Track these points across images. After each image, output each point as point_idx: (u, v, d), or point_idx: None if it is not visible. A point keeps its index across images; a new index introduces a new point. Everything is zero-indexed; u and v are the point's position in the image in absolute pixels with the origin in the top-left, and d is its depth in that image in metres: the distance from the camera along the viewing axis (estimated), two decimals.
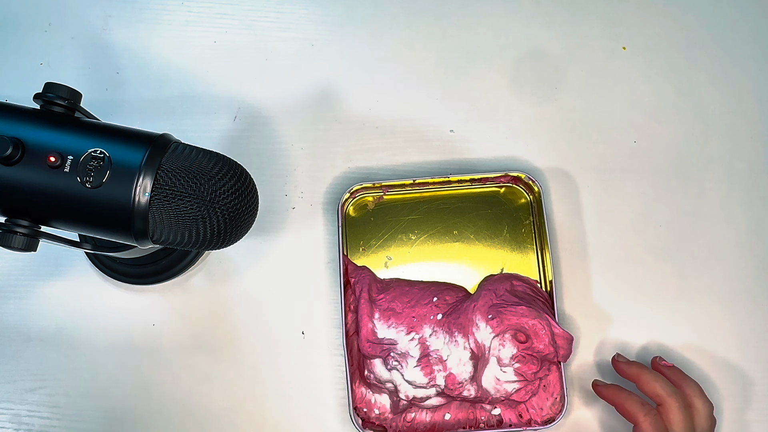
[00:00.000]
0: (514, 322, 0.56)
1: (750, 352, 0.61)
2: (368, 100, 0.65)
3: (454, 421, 0.58)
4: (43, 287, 0.62)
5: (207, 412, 0.60)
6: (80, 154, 0.42)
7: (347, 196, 0.61)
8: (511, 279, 0.59)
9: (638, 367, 0.55)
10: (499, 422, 0.58)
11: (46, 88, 0.45)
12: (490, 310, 0.57)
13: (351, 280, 0.60)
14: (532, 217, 0.62)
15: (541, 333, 0.56)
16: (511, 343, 0.56)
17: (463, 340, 0.56)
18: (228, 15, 0.67)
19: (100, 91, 0.65)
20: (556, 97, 0.65)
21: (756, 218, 0.63)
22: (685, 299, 0.61)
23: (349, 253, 0.61)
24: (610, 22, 0.67)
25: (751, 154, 0.64)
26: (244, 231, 0.46)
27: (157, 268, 0.60)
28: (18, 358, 0.61)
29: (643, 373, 0.55)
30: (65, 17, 0.67)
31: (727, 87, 0.65)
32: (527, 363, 0.56)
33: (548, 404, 0.58)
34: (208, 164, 0.44)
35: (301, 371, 0.60)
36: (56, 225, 0.44)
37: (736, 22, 0.67)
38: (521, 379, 0.56)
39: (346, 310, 0.59)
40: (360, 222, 0.62)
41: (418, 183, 0.61)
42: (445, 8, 0.67)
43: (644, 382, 0.54)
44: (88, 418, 0.60)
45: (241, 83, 0.65)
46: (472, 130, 0.64)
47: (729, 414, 0.59)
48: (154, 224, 0.43)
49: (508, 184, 0.62)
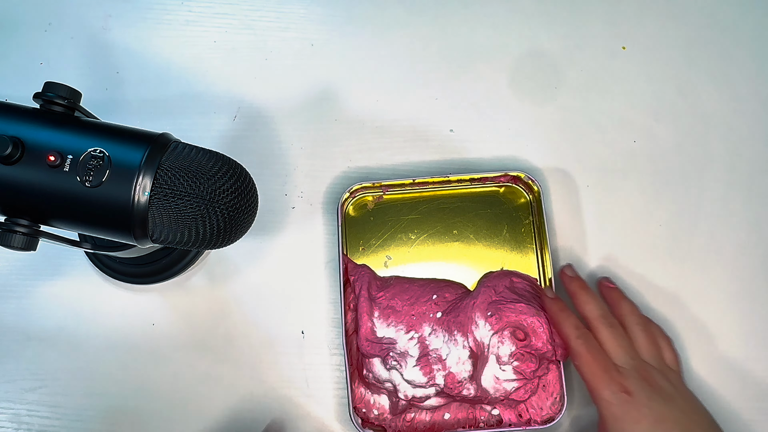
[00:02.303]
0: (512, 319, 0.56)
1: (750, 352, 0.60)
2: (368, 100, 0.65)
3: (454, 421, 0.58)
4: (43, 287, 0.62)
5: (207, 412, 0.60)
6: (80, 154, 0.42)
7: (347, 196, 0.61)
8: (511, 276, 0.59)
9: (579, 285, 0.56)
10: (498, 422, 0.58)
11: (45, 87, 0.45)
12: (489, 307, 0.57)
13: (351, 278, 0.60)
14: (531, 216, 0.62)
15: (540, 330, 0.56)
16: (509, 340, 0.56)
17: (462, 338, 0.56)
18: (228, 15, 0.67)
19: (100, 90, 0.65)
20: (556, 97, 0.65)
21: (756, 218, 0.63)
22: (685, 299, 0.61)
23: (348, 252, 0.61)
24: (610, 22, 0.67)
25: (751, 154, 0.64)
26: (243, 230, 0.46)
27: (157, 268, 0.60)
28: (18, 358, 0.61)
29: (580, 292, 0.55)
30: (65, 17, 0.67)
31: (727, 87, 0.65)
32: (526, 361, 0.56)
33: (548, 404, 0.57)
34: (207, 163, 0.44)
35: (300, 371, 0.60)
36: (56, 224, 0.44)
37: (736, 22, 0.67)
38: (520, 378, 0.56)
39: (346, 308, 0.59)
40: (360, 221, 0.62)
41: (417, 183, 0.61)
42: (445, 8, 0.67)
43: (578, 303, 0.55)
44: (88, 418, 0.60)
45: (241, 83, 0.65)
46: (472, 130, 0.64)
47: (728, 414, 0.59)
48: (154, 223, 0.43)
49: (508, 184, 0.62)
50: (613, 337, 0.52)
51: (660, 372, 0.52)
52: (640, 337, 0.54)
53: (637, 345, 0.54)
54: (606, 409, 0.50)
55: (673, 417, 0.49)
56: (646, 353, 0.53)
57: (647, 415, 0.49)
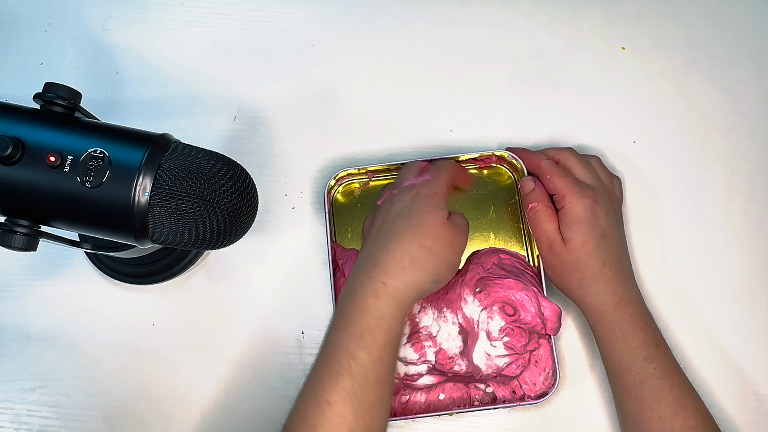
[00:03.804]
0: (501, 295, 0.57)
1: (750, 352, 0.60)
2: (368, 101, 0.65)
3: (449, 401, 0.58)
4: (43, 287, 0.62)
5: (207, 412, 0.60)
6: (80, 154, 0.42)
7: (333, 183, 0.61)
8: (498, 253, 0.60)
9: (524, 151, 0.61)
10: (493, 399, 0.58)
11: (46, 88, 0.45)
12: (477, 283, 0.57)
13: (339, 262, 0.60)
14: (517, 195, 0.62)
15: (528, 305, 0.56)
16: (499, 315, 0.56)
17: (452, 315, 0.57)
18: (228, 15, 0.67)
19: (100, 91, 0.65)
20: (556, 97, 0.65)
21: (756, 218, 0.63)
22: (685, 299, 0.61)
23: (337, 239, 0.62)
24: (610, 22, 0.67)
25: (751, 154, 0.64)
26: (243, 231, 0.46)
27: (157, 268, 0.60)
28: (18, 358, 0.61)
29: (528, 155, 0.60)
30: (65, 17, 0.67)
31: (726, 87, 0.65)
32: (516, 336, 0.56)
33: (541, 379, 0.58)
34: (207, 164, 0.44)
35: (300, 371, 0.60)
36: (56, 225, 0.44)
37: (735, 22, 0.67)
38: (511, 353, 0.56)
39: (337, 294, 0.59)
40: (348, 208, 0.62)
41: (402, 167, 0.61)
42: (445, 8, 0.67)
43: (526, 162, 0.60)
44: (88, 418, 0.60)
45: (241, 83, 0.65)
46: (472, 130, 0.64)
47: (728, 414, 0.59)
48: (154, 224, 0.43)
49: (492, 165, 0.63)
50: (582, 166, 0.59)
51: (616, 197, 0.60)
52: (599, 167, 0.61)
53: (598, 171, 0.60)
54: (571, 209, 0.56)
55: (614, 235, 0.57)
56: (606, 180, 0.60)
57: (603, 224, 0.56)
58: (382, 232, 0.53)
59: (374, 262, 0.51)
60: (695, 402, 0.53)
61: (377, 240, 0.52)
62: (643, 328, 0.54)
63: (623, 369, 0.54)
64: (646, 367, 0.53)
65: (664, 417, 0.52)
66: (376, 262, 0.51)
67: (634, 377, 0.53)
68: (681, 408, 0.52)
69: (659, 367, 0.53)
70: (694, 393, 0.54)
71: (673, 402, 0.52)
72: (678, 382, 0.53)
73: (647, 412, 0.53)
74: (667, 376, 0.53)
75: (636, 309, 0.55)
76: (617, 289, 0.55)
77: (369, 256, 0.52)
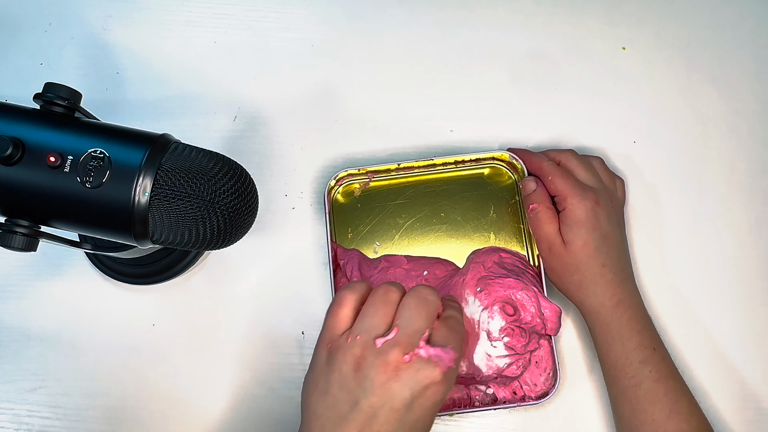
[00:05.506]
0: (501, 294, 0.57)
1: (750, 352, 0.60)
2: (368, 101, 0.65)
3: (449, 402, 0.58)
4: (43, 287, 0.62)
5: (207, 412, 0.60)
6: (80, 154, 0.42)
7: (333, 183, 0.61)
8: (499, 252, 0.60)
9: (525, 152, 0.61)
10: (493, 400, 0.58)
11: (46, 88, 0.45)
12: (478, 282, 0.57)
13: (340, 262, 0.60)
14: (518, 195, 0.62)
15: (528, 305, 0.56)
16: (499, 315, 0.56)
17: None
18: (228, 15, 0.67)
19: (100, 91, 0.65)
20: (556, 97, 0.65)
21: (756, 218, 0.63)
22: (685, 299, 0.61)
23: (337, 240, 0.62)
24: (610, 22, 0.67)
25: (751, 154, 0.64)
26: (243, 231, 0.46)
27: (157, 268, 0.60)
28: (18, 358, 0.61)
29: (529, 156, 0.60)
30: (65, 17, 0.67)
31: (727, 87, 0.65)
32: (516, 336, 0.56)
33: (541, 380, 0.58)
34: (208, 164, 0.44)
35: (300, 371, 0.60)
36: (56, 225, 0.44)
37: (736, 22, 0.67)
38: (512, 353, 0.56)
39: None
40: (348, 209, 0.62)
41: (403, 167, 0.61)
42: (445, 8, 0.67)
43: (528, 163, 0.60)
44: (89, 418, 0.60)
45: (241, 83, 0.65)
46: (472, 130, 0.64)
47: (729, 414, 0.59)
48: (154, 224, 0.43)
49: (493, 165, 0.63)
50: (583, 167, 0.58)
51: (618, 199, 0.60)
52: (601, 169, 0.60)
53: (600, 173, 0.60)
54: (572, 211, 0.56)
55: (615, 237, 0.57)
56: (608, 182, 0.60)
57: (604, 226, 0.56)
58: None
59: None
60: (690, 406, 0.53)
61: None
62: (641, 331, 0.54)
63: (619, 371, 0.54)
64: (642, 370, 0.53)
65: (658, 420, 0.52)
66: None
67: (629, 380, 0.53)
68: (675, 412, 0.52)
69: (655, 370, 0.53)
70: (690, 397, 0.54)
71: (667, 406, 0.52)
72: (673, 387, 0.53)
73: (641, 415, 0.53)
74: (663, 379, 0.53)
75: (634, 311, 0.55)
76: (616, 291, 0.55)
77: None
